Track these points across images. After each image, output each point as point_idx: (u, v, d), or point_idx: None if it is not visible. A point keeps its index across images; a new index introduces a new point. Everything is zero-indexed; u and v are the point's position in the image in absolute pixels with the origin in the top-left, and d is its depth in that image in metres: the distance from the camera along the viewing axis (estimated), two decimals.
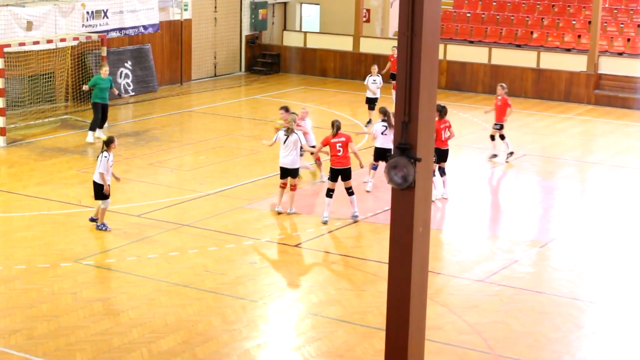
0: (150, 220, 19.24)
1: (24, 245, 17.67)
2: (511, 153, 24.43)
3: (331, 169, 19.40)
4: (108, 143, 18.50)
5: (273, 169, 22.15)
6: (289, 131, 19.75)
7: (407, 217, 10.35)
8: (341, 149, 19.33)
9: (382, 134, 21.05)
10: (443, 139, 20.68)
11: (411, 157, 10.12)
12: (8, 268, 16.48)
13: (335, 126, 19.52)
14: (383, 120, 21.15)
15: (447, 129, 20.88)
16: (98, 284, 15.98)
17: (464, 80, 34.55)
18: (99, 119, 25.83)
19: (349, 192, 19.45)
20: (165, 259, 17.13)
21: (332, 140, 19.37)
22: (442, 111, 20.69)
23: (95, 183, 18.40)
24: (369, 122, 28.22)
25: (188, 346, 13.68)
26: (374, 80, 28.77)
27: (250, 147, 25.79)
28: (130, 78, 32.70)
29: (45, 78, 29.15)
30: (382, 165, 20.98)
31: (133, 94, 26.07)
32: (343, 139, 19.40)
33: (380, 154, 21.09)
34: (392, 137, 20.91)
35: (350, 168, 19.42)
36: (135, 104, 31.44)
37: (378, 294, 15.54)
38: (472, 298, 15.70)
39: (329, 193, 19.30)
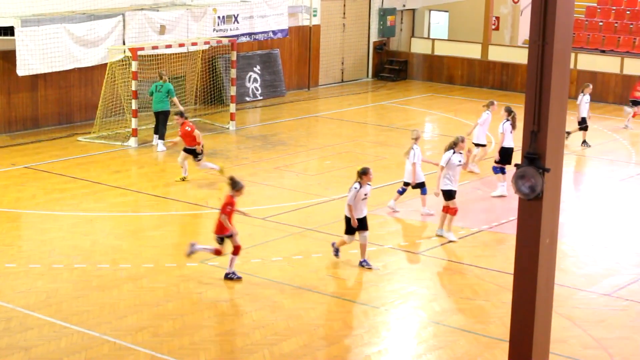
0: (275, 224, 19.42)
1: (152, 245, 18.04)
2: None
3: None
4: (361, 174, 17.01)
5: (398, 175, 22.11)
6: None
7: (534, 228, 10.21)
8: None
9: (509, 133, 21.23)
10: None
11: (540, 167, 9.99)
12: (136, 266, 16.84)
13: None
14: (507, 120, 21.29)
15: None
16: (222, 285, 16.20)
17: (594, 90, 33.81)
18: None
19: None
20: (289, 262, 17.26)
21: None
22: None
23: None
24: (584, 142, 26.91)
25: (309, 350, 13.75)
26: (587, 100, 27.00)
27: (375, 153, 25.80)
28: (259, 82, 33.10)
29: (177, 81, 29.73)
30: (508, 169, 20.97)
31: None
32: None
33: (507, 155, 21.14)
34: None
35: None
36: (263, 108, 31.81)
37: (501, 304, 15.36)
38: (598, 312, 15.38)
39: None
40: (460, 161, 18.81)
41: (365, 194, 16.94)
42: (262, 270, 16.84)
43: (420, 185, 20.14)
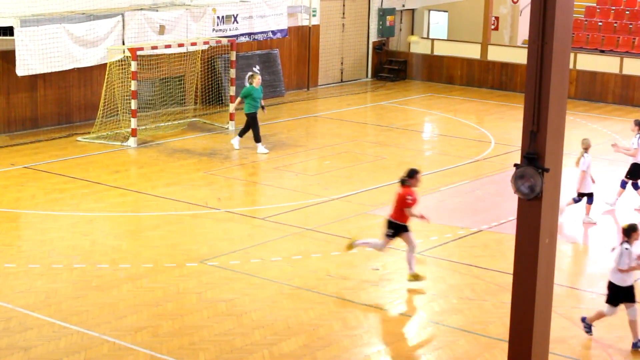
0: (274, 224, 19.43)
1: (152, 245, 18.05)
2: None
3: None
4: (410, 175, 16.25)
5: (397, 175, 22.07)
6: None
7: (533, 228, 10.23)
8: None
9: None
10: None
11: (539, 167, 10.00)
12: (136, 266, 16.84)
13: None
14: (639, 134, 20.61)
15: None
16: (222, 285, 16.20)
17: (594, 90, 33.91)
18: (258, 129, 25.22)
19: None
20: (289, 262, 17.27)
21: None
22: None
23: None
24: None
25: (309, 350, 13.76)
26: None
27: (375, 153, 25.81)
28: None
29: (176, 81, 29.75)
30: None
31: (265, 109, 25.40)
32: None
33: (637, 171, 20.62)
34: None
35: None
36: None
37: (501, 304, 15.36)
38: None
39: None
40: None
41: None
42: (261, 270, 16.85)
43: (588, 195, 19.84)
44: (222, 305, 15.29)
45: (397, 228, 16.21)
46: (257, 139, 25.25)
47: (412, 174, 16.21)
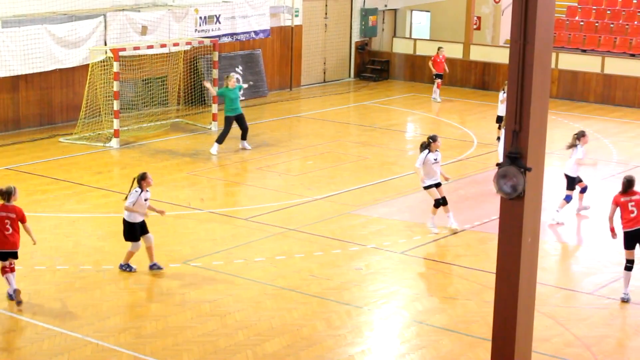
0: (258, 224, 19.42)
1: None
2: None
3: (625, 233, 15.75)
4: (140, 179, 16.84)
5: (380, 175, 22.18)
6: None
7: (515, 227, 10.25)
8: (634, 208, 15.63)
9: None
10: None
11: (521, 166, 10.03)
12: (118, 267, 16.81)
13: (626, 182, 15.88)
14: None
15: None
16: (205, 286, 16.18)
17: (575, 89, 34.02)
18: (227, 133, 25.33)
19: None
20: (272, 263, 17.26)
21: (622, 200, 15.75)
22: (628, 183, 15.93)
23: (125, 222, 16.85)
24: (498, 139, 27.13)
25: (293, 350, 13.76)
26: None
27: (358, 153, 25.83)
28: (241, 83, 33.07)
29: (158, 82, 29.70)
30: None
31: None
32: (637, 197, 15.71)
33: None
34: None
35: None
36: (245, 109, 31.61)
37: (484, 303, 15.40)
38: (580, 311, 15.44)
39: (628, 265, 15.73)
40: (435, 159, 18.87)
41: None
42: (244, 270, 16.84)
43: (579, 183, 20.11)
44: (205, 305, 15.28)
45: None
46: (220, 139, 25.33)
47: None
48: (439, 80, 33.58)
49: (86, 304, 15.14)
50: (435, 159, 18.89)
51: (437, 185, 19.04)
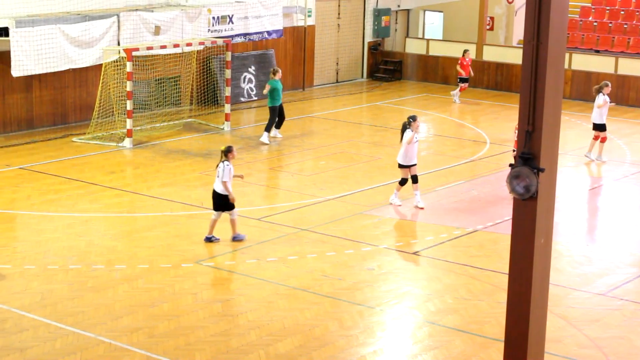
0: (270, 224, 19.43)
1: (147, 245, 18.04)
2: None
3: None
4: (227, 152, 18.00)
5: (393, 175, 22.13)
6: None
7: (528, 227, 10.23)
8: None
9: None
10: None
11: (534, 167, 10.01)
12: (131, 267, 16.84)
13: None
14: None
15: None
16: (218, 286, 16.20)
17: (589, 90, 33.90)
18: (275, 121, 26.90)
19: None
20: (284, 263, 17.27)
21: None
22: None
23: (217, 194, 18.12)
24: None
25: (305, 350, 13.76)
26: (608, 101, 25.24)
27: (370, 154, 25.82)
28: (254, 83, 33.11)
29: (171, 81, 29.74)
30: None
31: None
32: None
33: None
34: None
35: None
36: (258, 109, 31.79)
37: (496, 304, 15.38)
38: (593, 312, 15.40)
39: None
40: (416, 139, 20.17)
41: None
42: (257, 270, 16.85)
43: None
44: (217, 305, 15.29)
45: None
46: (268, 128, 26.81)
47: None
48: (463, 85, 33.31)
49: (99, 304, 15.17)
50: (416, 139, 20.12)
51: (413, 165, 20.16)
